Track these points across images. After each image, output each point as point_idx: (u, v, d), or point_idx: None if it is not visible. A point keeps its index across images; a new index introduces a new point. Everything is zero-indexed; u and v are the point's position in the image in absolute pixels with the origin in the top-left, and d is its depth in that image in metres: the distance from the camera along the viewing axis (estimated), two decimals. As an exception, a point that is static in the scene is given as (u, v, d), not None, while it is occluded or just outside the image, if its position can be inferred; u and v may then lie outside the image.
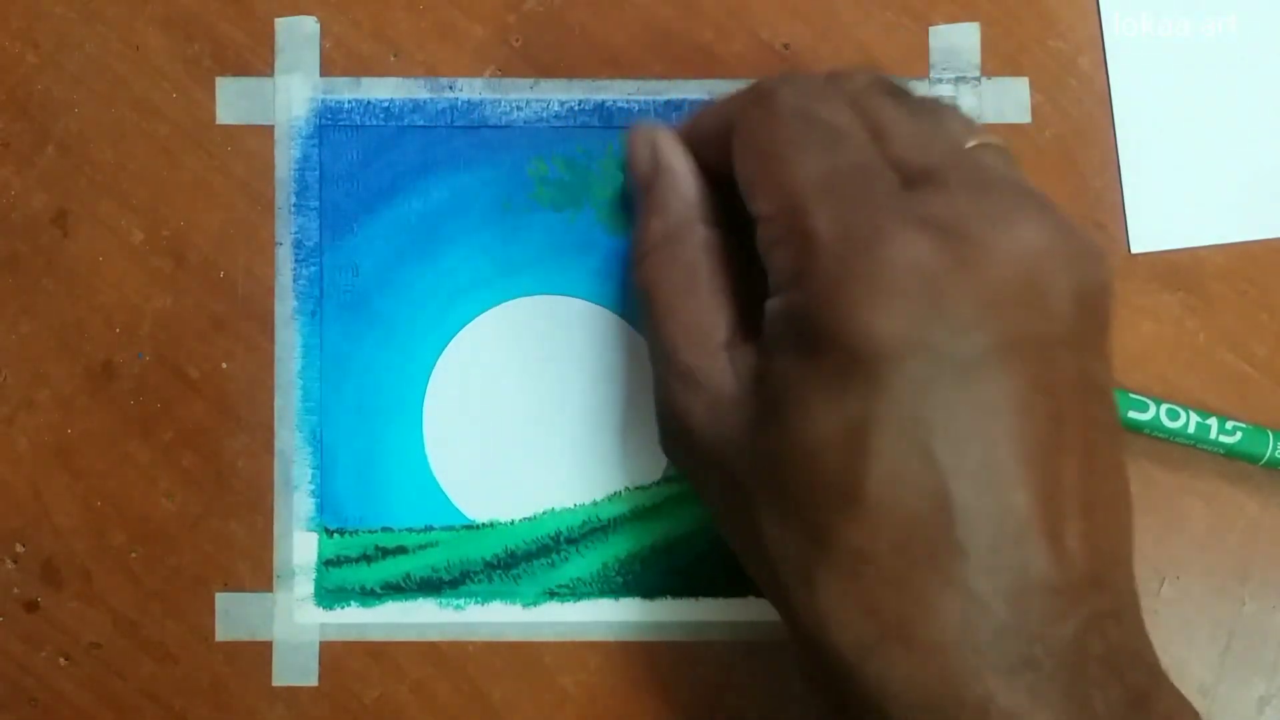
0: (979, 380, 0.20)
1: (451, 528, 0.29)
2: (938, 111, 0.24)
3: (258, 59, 0.29)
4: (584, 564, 0.29)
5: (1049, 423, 0.20)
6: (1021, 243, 0.20)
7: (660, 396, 0.25)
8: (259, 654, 0.29)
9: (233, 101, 0.29)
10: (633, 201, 0.27)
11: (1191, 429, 0.28)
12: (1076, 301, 0.20)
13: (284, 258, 0.29)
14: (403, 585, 0.29)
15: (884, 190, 0.21)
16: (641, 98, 0.29)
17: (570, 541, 0.29)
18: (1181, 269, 0.29)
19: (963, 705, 0.19)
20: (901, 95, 0.24)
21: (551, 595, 0.29)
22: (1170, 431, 0.28)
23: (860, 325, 0.20)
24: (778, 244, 0.22)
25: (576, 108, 0.29)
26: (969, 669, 0.19)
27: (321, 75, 0.29)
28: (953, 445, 0.19)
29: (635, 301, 0.27)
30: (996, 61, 0.29)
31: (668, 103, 0.29)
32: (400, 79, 0.29)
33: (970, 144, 0.23)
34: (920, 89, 0.29)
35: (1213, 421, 0.28)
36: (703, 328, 0.24)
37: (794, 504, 0.21)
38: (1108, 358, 0.21)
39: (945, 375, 0.19)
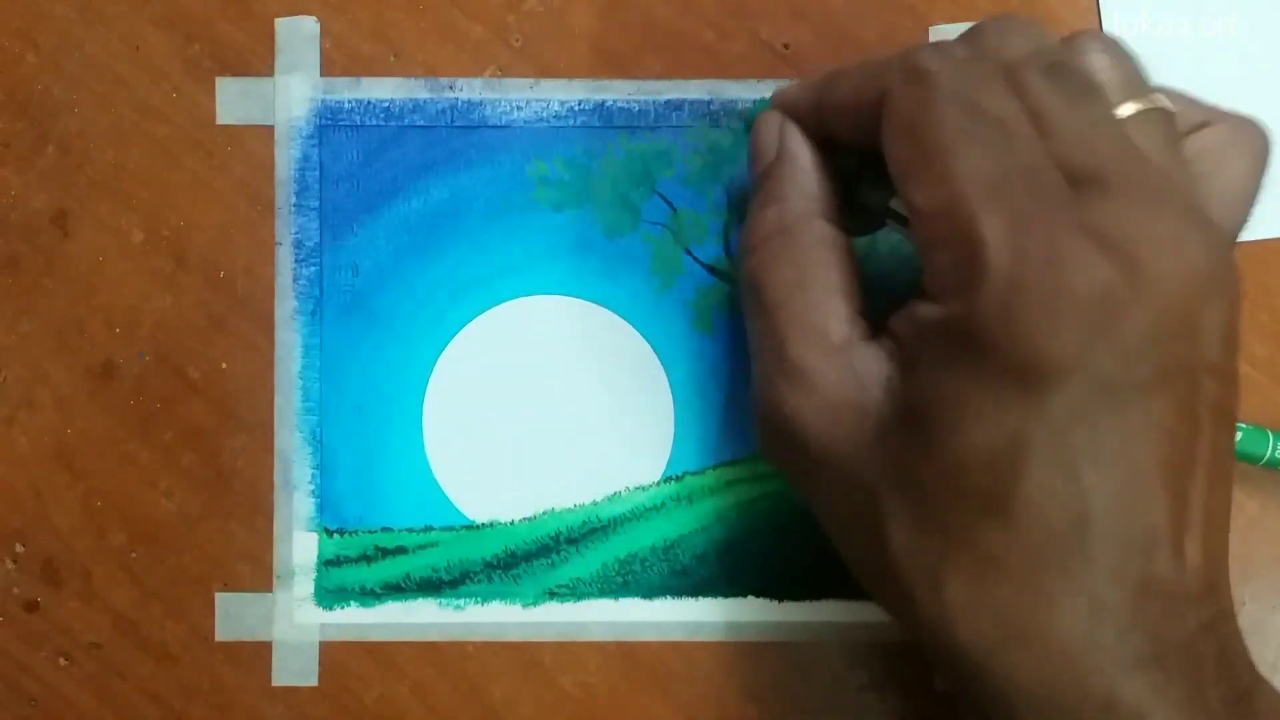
0: (1134, 406, 0.20)
1: (451, 528, 0.29)
2: (1094, 87, 0.22)
3: (258, 59, 0.29)
4: (584, 564, 0.29)
5: (1188, 447, 0.20)
6: (1189, 273, 0.20)
7: (764, 395, 0.24)
8: (259, 654, 0.29)
9: (233, 101, 0.29)
10: (745, 189, 0.26)
11: (1191, 429, 0.28)
12: (1224, 331, 0.21)
13: (284, 258, 0.29)
14: (403, 585, 0.29)
15: (1056, 198, 0.21)
16: (641, 98, 0.29)
17: (570, 541, 0.29)
18: (1181, 269, 0.29)
19: (1088, 700, 0.20)
20: (1059, 72, 0.22)
21: (551, 595, 0.29)
22: (1170, 431, 0.28)
23: (1032, 344, 0.20)
24: (939, 245, 0.21)
25: (576, 108, 0.29)
26: (1094, 666, 0.20)
27: (321, 75, 0.29)
28: (1100, 467, 0.20)
29: (740, 291, 0.26)
30: (996, 61, 0.29)
31: (668, 103, 0.29)
32: (400, 79, 0.29)
33: (1130, 110, 0.22)
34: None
35: (1213, 421, 0.28)
36: (818, 326, 0.24)
37: (932, 509, 0.21)
38: (1238, 383, 0.22)
39: (1104, 399, 0.20)
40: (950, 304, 0.21)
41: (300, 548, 0.29)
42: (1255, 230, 0.29)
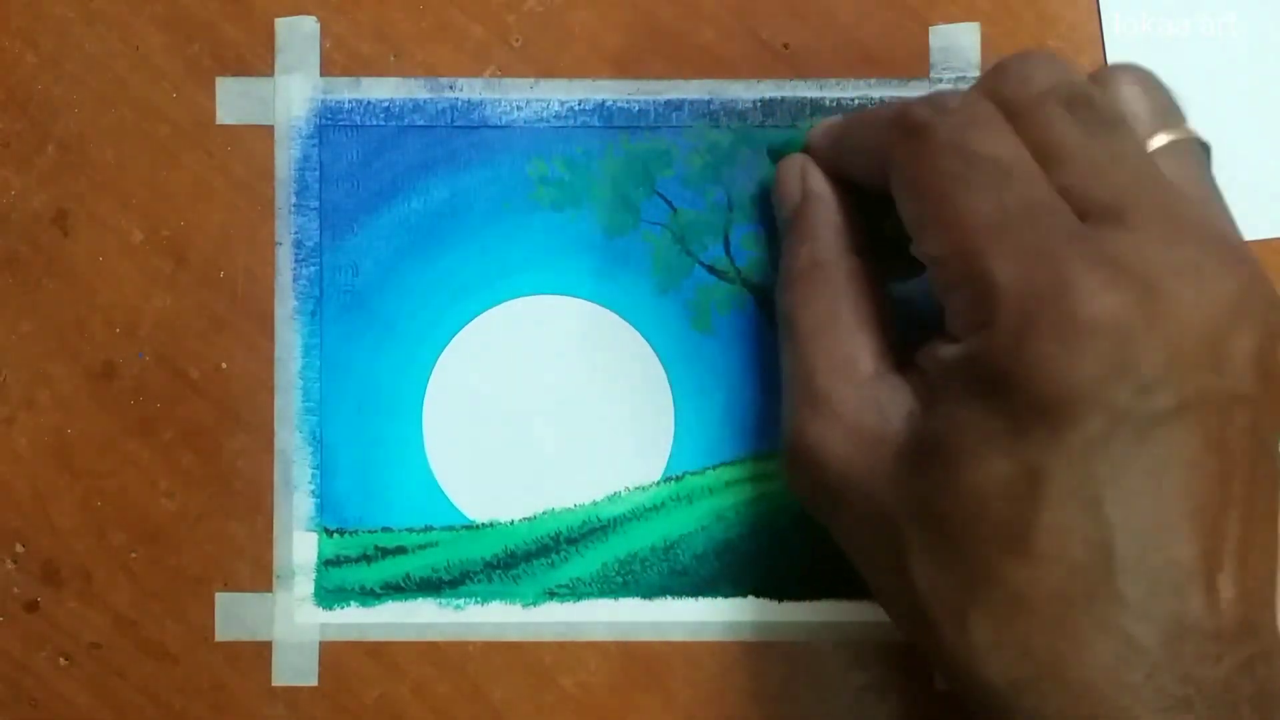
0: (1155, 438, 0.20)
1: (451, 528, 0.29)
2: (1119, 119, 0.22)
3: (258, 59, 0.29)
4: (584, 564, 0.29)
5: (1218, 481, 0.20)
6: (1211, 301, 0.20)
7: (791, 425, 0.25)
8: (259, 654, 0.29)
9: (233, 101, 0.29)
10: (779, 228, 0.28)
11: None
12: (1257, 361, 0.20)
13: (284, 258, 0.29)
14: (403, 585, 0.29)
15: (1062, 229, 0.21)
16: (641, 98, 0.29)
17: (570, 541, 0.29)
18: (1181, 269, 0.29)
19: None
20: (1079, 104, 0.22)
21: (551, 595, 0.29)
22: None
23: (1045, 377, 0.20)
24: (954, 289, 0.22)
25: (576, 108, 0.29)
26: (1121, 708, 0.19)
27: (321, 75, 0.29)
28: (1123, 501, 0.20)
29: (778, 328, 0.27)
30: (996, 61, 0.29)
31: (668, 103, 0.29)
32: (400, 79, 0.29)
33: (1159, 142, 0.22)
34: (920, 89, 0.29)
35: (1213, 421, 0.28)
36: (847, 357, 0.24)
37: (953, 544, 0.21)
38: (1278, 415, 0.21)
39: (1123, 431, 0.20)
40: (969, 343, 0.21)
41: (300, 548, 0.29)
42: (1255, 230, 0.29)
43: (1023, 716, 0.20)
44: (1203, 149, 0.23)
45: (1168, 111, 0.23)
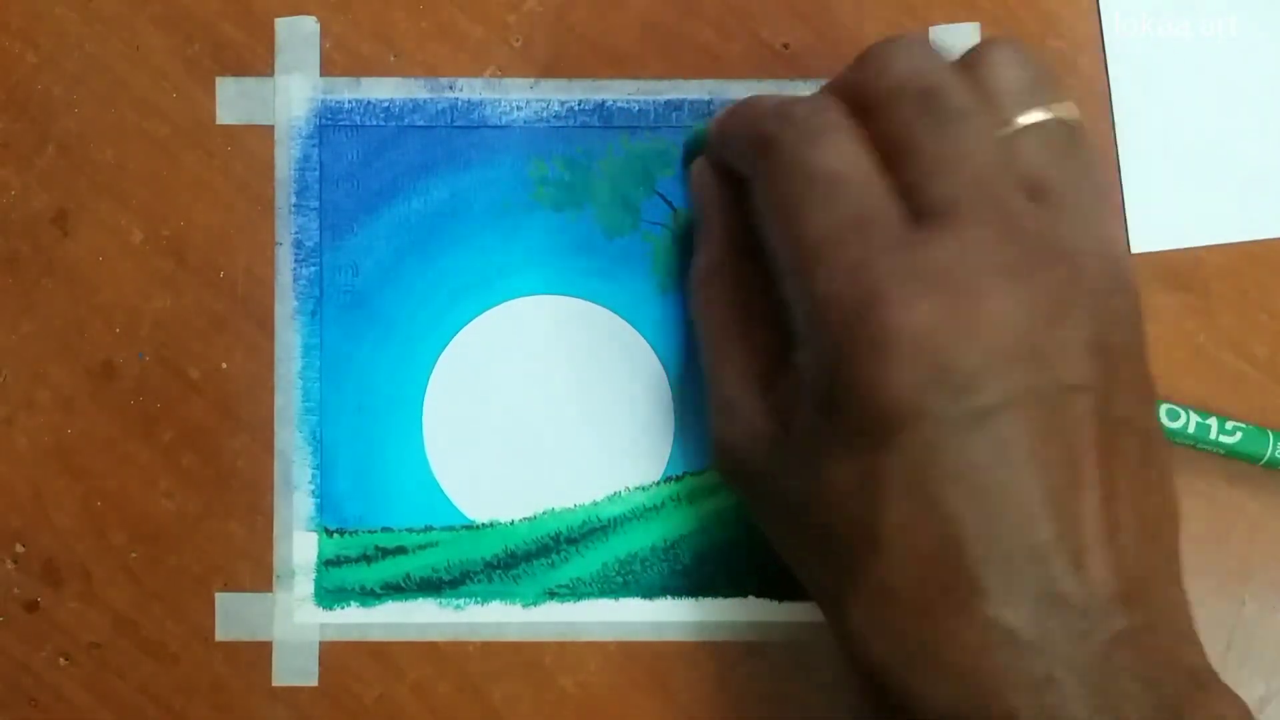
0: (984, 435, 0.20)
1: (451, 528, 0.29)
2: (971, 110, 0.22)
3: (258, 59, 0.29)
4: (584, 564, 0.29)
5: (1062, 465, 0.20)
6: (1028, 298, 0.20)
7: (711, 429, 0.26)
8: (259, 654, 0.29)
9: (233, 101, 0.29)
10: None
11: (1191, 429, 0.28)
12: (1093, 351, 0.21)
13: (284, 258, 0.29)
14: (403, 585, 0.29)
15: (886, 241, 0.21)
16: (641, 98, 0.29)
17: (570, 541, 0.29)
18: (1181, 269, 0.29)
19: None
20: (928, 99, 0.22)
21: (551, 595, 0.29)
22: (1170, 432, 0.28)
23: (865, 392, 0.20)
24: (794, 303, 0.23)
25: (576, 108, 0.29)
26: (991, 688, 0.20)
27: (321, 75, 0.29)
28: (963, 495, 0.20)
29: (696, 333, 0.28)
30: (996, 61, 0.29)
31: (668, 103, 0.29)
32: (400, 79, 0.29)
33: (1026, 120, 0.22)
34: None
35: (1213, 421, 0.28)
36: (743, 362, 0.25)
37: (826, 539, 0.22)
38: (1140, 388, 0.22)
39: (949, 432, 0.20)
40: (803, 354, 0.22)
41: (300, 548, 0.29)
42: (1255, 230, 0.29)
43: (902, 695, 0.21)
44: (1071, 127, 0.23)
45: (1037, 88, 0.23)
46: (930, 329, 0.20)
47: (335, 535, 0.29)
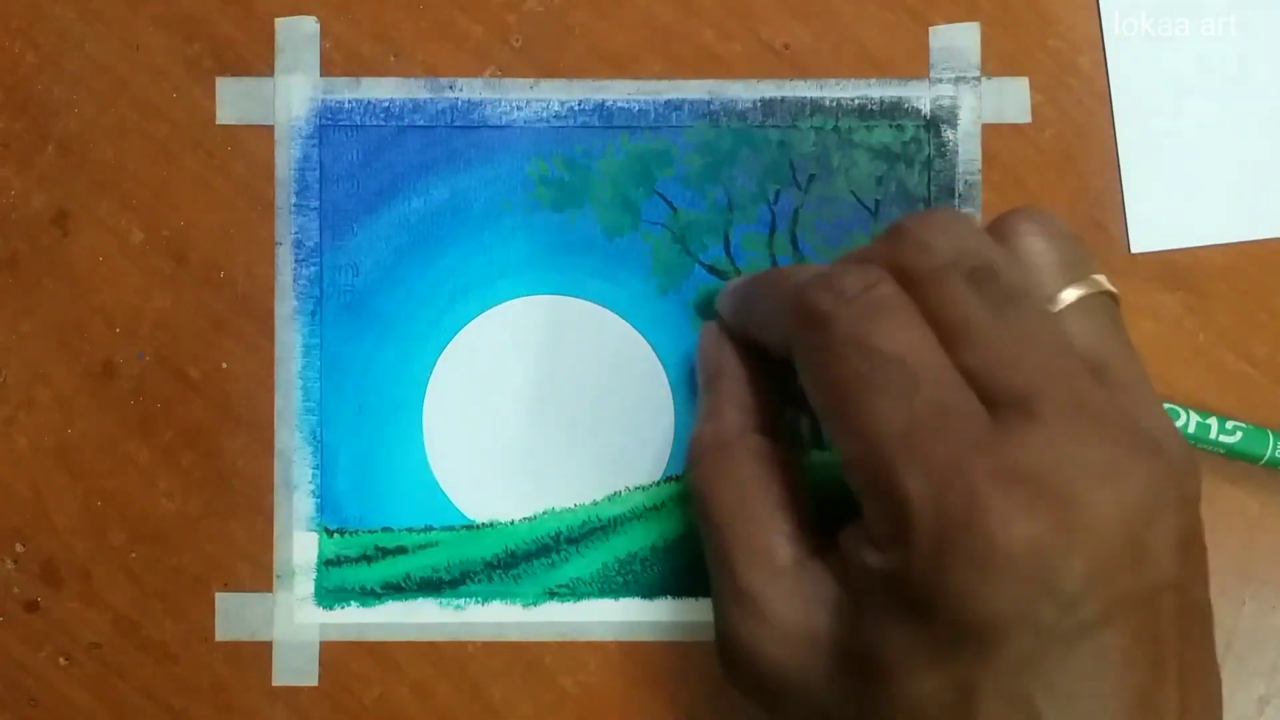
0: (1086, 644, 0.19)
1: (451, 528, 0.29)
2: (1023, 291, 0.21)
3: (258, 59, 0.29)
4: (584, 564, 0.29)
5: (1151, 667, 0.20)
6: (1126, 501, 0.19)
7: (722, 626, 0.24)
8: (259, 654, 0.29)
9: (233, 101, 0.29)
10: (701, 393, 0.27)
11: (1191, 429, 0.28)
12: (1179, 545, 0.20)
13: (284, 258, 0.29)
14: (403, 585, 0.29)
15: (973, 438, 0.20)
16: (641, 98, 0.29)
17: (570, 541, 0.29)
18: (1181, 269, 0.29)
19: None
20: (983, 277, 0.21)
21: (551, 595, 0.29)
22: (1170, 431, 0.28)
23: (968, 605, 0.19)
24: (868, 496, 0.21)
25: (576, 108, 0.29)
26: None
27: (321, 75, 0.29)
28: (1059, 706, 0.19)
29: (693, 502, 0.26)
30: (996, 61, 0.29)
31: (668, 103, 0.29)
32: (400, 79, 0.29)
33: (1067, 298, 0.22)
34: (920, 89, 0.29)
35: (1213, 421, 0.28)
36: (764, 547, 0.23)
37: None
38: (1203, 568, 0.21)
39: (1052, 645, 0.19)
40: (888, 557, 0.20)
41: (300, 548, 0.29)
42: (1255, 230, 0.29)
43: None
44: (1111, 300, 0.23)
45: (1074, 263, 0.22)
46: (1036, 542, 0.19)
47: (335, 535, 0.29)
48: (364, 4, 0.29)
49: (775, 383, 0.26)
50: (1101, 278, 0.22)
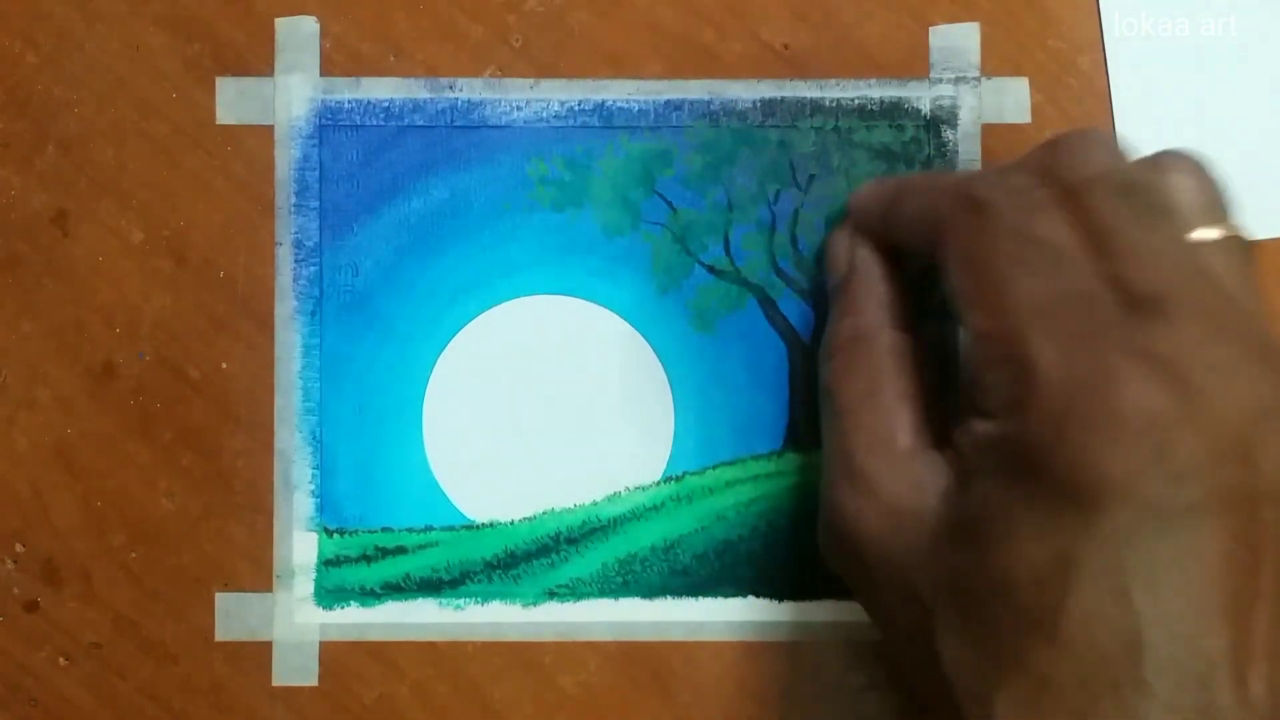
0: (1185, 531, 0.20)
1: (451, 528, 0.29)
2: (1168, 209, 0.22)
3: (258, 59, 0.29)
4: (584, 564, 0.29)
5: (1247, 574, 0.20)
6: (1245, 400, 0.20)
7: (829, 499, 0.25)
8: (259, 654, 0.29)
9: (233, 101, 0.29)
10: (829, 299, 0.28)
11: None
12: None
13: (284, 258, 0.29)
14: (403, 585, 0.29)
15: (1108, 320, 0.21)
16: (641, 98, 0.29)
17: (570, 541, 0.29)
18: (1181, 269, 0.29)
19: None
20: (1130, 192, 0.22)
21: (551, 595, 0.29)
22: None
23: (1081, 466, 0.20)
24: (994, 366, 0.22)
25: (576, 108, 0.29)
26: None
27: (321, 75, 0.29)
28: (1152, 591, 0.20)
29: (819, 400, 0.27)
30: (996, 61, 0.29)
31: (668, 103, 0.29)
32: (400, 79, 0.29)
33: (1207, 235, 0.22)
34: (920, 89, 0.29)
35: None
36: (885, 433, 0.24)
37: (982, 625, 0.21)
38: None
39: (1154, 523, 0.20)
40: (1004, 423, 0.21)
41: (300, 548, 0.29)
42: (1255, 230, 0.29)
43: None
44: (1247, 246, 0.23)
45: (1217, 205, 0.23)
46: (1157, 415, 0.20)
47: (335, 535, 0.29)
48: (364, 4, 0.29)
49: (910, 284, 0.27)
50: (1240, 224, 0.23)
